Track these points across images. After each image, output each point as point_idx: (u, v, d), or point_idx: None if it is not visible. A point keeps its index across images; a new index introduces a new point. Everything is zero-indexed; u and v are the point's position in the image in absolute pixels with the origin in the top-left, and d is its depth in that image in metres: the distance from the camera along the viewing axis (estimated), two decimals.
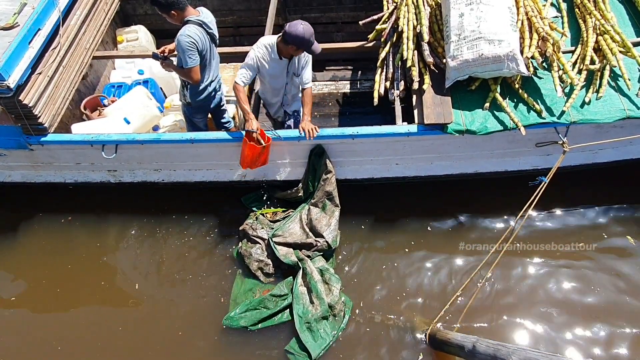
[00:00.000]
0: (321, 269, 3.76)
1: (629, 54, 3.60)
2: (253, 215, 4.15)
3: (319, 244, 3.83)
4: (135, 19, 5.40)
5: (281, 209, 4.19)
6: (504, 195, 4.14)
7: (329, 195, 3.92)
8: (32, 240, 4.37)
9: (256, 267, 3.91)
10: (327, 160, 3.87)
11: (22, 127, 3.80)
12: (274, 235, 3.91)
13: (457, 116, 3.53)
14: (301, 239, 3.86)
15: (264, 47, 3.63)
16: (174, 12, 3.57)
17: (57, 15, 3.93)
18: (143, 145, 3.87)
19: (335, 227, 3.89)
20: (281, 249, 3.86)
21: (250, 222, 4.07)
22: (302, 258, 3.80)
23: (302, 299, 3.62)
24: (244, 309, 3.65)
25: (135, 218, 4.40)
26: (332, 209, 3.92)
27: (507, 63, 3.42)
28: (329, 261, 3.92)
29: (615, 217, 4.10)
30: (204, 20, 3.65)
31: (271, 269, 3.92)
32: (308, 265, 3.73)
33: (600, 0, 3.85)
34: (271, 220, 4.13)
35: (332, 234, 3.85)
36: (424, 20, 3.76)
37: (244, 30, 5.50)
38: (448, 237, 4.09)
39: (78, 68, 4.22)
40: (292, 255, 3.84)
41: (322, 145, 3.84)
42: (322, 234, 3.83)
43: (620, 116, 3.45)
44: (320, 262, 3.83)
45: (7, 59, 3.45)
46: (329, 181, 3.90)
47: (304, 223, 3.94)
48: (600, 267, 3.83)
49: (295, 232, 3.93)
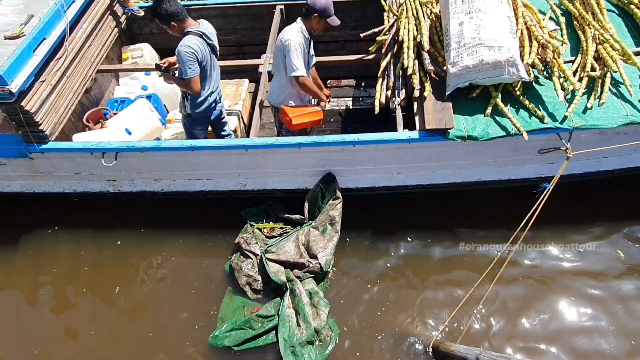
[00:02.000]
0: (310, 292, 3.66)
1: (629, 61, 3.60)
2: (250, 228, 4.08)
3: (310, 265, 3.74)
4: (141, 38, 5.50)
5: (279, 225, 4.12)
6: (507, 205, 4.06)
7: (331, 220, 3.87)
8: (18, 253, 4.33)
9: (245, 281, 3.81)
10: (337, 187, 3.91)
11: (23, 135, 3.80)
12: (267, 251, 3.83)
13: (458, 122, 3.51)
14: (294, 258, 3.78)
15: (297, 33, 3.75)
16: (174, 23, 3.63)
17: (63, 26, 4.00)
18: (143, 153, 3.86)
19: (331, 252, 3.81)
20: (272, 266, 3.77)
21: (246, 235, 4.00)
22: (292, 279, 3.69)
23: (289, 322, 3.50)
24: (230, 328, 3.54)
25: (130, 229, 4.35)
26: (331, 234, 3.86)
27: (507, 68, 3.43)
28: (320, 284, 3.80)
29: (624, 230, 4.01)
30: (204, 31, 3.70)
31: (260, 285, 3.81)
32: (297, 287, 3.62)
33: (599, 12, 3.90)
34: (267, 236, 4.05)
35: (326, 257, 3.76)
36: (424, 30, 3.81)
37: (247, 48, 5.58)
38: (449, 250, 3.99)
39: (82, 79, 4.27)
40: (282, 274, 3.73)
41: (332, 172, 3.96)
42: (317, 256, 3.75)
43: (623, 122, 3.42)
44: (310, 284, 3.73)
45: (10, 64, 3.49)
46: (335, 207, 3.89)
47: (300, 242, 3.87)
48: (608, 284, 3.73)
49: (289, 250, 3.85)
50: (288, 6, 5.18)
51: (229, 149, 3.80)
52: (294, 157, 3.83)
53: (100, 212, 4.49)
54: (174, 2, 3.58)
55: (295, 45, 3.69)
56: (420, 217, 4.20)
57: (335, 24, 3.78)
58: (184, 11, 3.62)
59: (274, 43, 4.69)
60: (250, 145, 3.73)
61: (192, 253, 4.19)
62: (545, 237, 3.96)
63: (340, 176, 3.92)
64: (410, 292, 3.79)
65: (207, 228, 4.31)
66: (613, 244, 3.92)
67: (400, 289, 3.82)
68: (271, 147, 3.71)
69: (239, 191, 4.15)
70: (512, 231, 3.91)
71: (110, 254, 4.23)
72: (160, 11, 3.57)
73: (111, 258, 4.21)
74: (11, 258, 4.29)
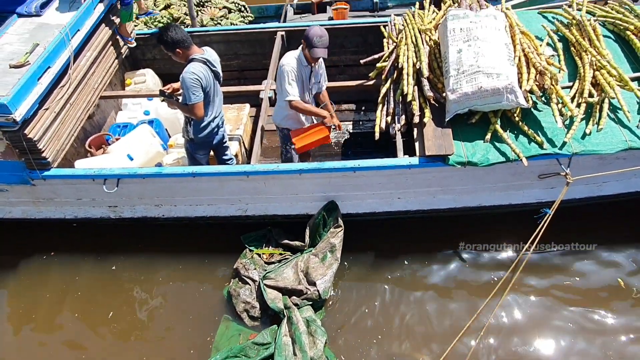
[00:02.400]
0: (308, 320, 3.61)
1: (626, 87, 3.64)
2: (249, 254, 4.07)
3: (309, 292, 3.71)
4: (144, 63, 5.58)
5: (278, 251, 4.10)
6: (508, 230, 4.05)
7: (332, 247, 3.87)
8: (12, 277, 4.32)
9: (242, 308, 3.79)
10: (339, 215, 3.94)
11: (25, 162, 3.83)
12: (265, 277, 3.81)
13: (458, 148, 3.53)
14: (292, 285, 3.75)
15: (294, 59, 3.79)
16: (179, 50, 3.69)
17: (67, 55, 4.06)
18: (145, 179, 3.88)
19: (330, 279, 3.78)
20: (270, 293, 3.74)
21: (245, 261, 3.99)
22: (289, 306, 3.66)
23: (285, 350, 3.43)
24: (225, 356, 3.47)
25: (127, 253, 4.34)
26: (331, 262, 3.84)
27: (506, 95, 3.47)
28: (318, 312, 3.76)
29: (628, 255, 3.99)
30: (209, 58, 3.76)
31: (257, 312, 3.78)
32: (295, 315, 3.58)
33: (595, 39, 3.96)
34: (266, 262, 4.03)
35: (325, 284, 3.74)
36: (423, 57, 3.86)
37: (248, 73, 5.65)
38: (449, 276, 3.96)
39: (85, 106, 4.32)
40: (279, 301, 3.70)
41: (334, 200, 3.99)
42: (315, 282, 3.72)
43: (622, 147, 3.44)
44: (308, 312, 3.69)
45: (15, 93, 3.52)
46: (336, 234, 3.90)
47: (299, 269, 3.84)
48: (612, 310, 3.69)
49: (288, 276, 3.83)
50: (289, 32, 5.26)
51: (230, 175, 3.82)
52: (294, 183, 3.85)
53: (97, 237, 4.49)
54: (180, 30, 3.65)
55: (287, 70, 3.76)
56: (420, 240, 4.18)
57: (315, 56, 3.67)
58: (189, 39, 3.68)
59: (275, 68, 4.76)
60: (251, 172, 3.75)
61: (190, 277, 4.17)
62: (547, 262, 3.94)
63: (341, 201, 3.93)
64: (409, 320, 3.75)
65: (206, 252, 4.30)
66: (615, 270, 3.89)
67: (399, 316, 3.78)
68: (272, 173, 3.73)
69: (239, 217, 4.16)
70: (514, 254, 3.92)
71: (105, 278, 4.22)
72: (166, 38, 3.64)
73: (106, 283, 4.19)
74: (4, 282, 4.29)
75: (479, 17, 3.75)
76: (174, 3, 6.74)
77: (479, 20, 3.73)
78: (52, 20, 4.28)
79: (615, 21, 4.19)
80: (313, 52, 3.66)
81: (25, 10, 4.32)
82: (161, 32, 3.68)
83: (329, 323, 3.77)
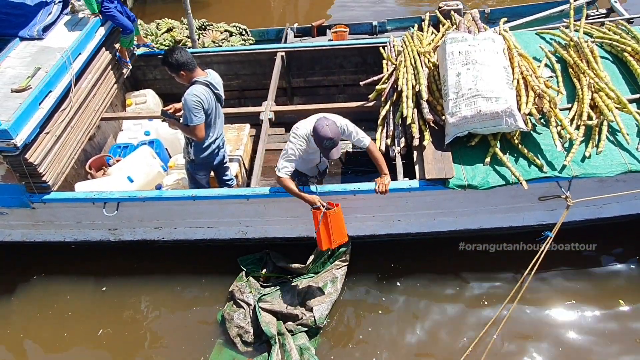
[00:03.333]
0: (301, 347, 3.56)
1: (625, 110, 3.65)
2: (245, 277, 4.03)
3: (304, 317, 3.66)
4: (145, 84, 5.62)
5: (275, 274, 4.06)
6: (510, 253, 4.04)
7: (333, 279, 3.86)
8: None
9: (235, 333, 3.73)
10: (348, 252, 3.95)
11: (25, 185, 3.83)
12: (261, 299, 3.77)
13: (458, 171, 3.53)
14: (288, 310, 3.71)
15: (303, 141, 3.50)
16: (183, 72, 3.71)
17: (69, 78, 4.09)
18: (145, 202, 3.88)
19: (328, 308, 3.74)
20: (265, 316, 3.69)
21: (240, 284, 3.96)
22: (283, 332, 3.60)
23: None
24: None
25: (122, 275, 4.33)
26: (331, 291, 3.83)
27: (505, 119, 3.48)
28: (312, 339, 3.70)
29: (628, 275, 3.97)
30: (211, 81, 3.79)
31: (251, 337, 3.71)
32: (288, 342, 3.53)
33: (593, 60, 3.98)
34: (263, 285, 3.99)
35: (322, 311, 3.69)
36: (422, 80, 3.88)
37: (249, 93, 5.68)
38: (453, 298, 3.94)
39: (86, 129, 4.34)
40: (273, 326, 3.65)
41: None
42: (312, 308, 3.68)
43: (622, 170, 3.44)
44: (302, 339, 3.63)
45: (16, 118, 3.54)
46: (340, 267, 3.91)
47: (296, 293, 3.82)
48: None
49: (284, 300, 3.79)
50: (289, 53, 5.31)
51: (230, 199, 3.82)
52: (294, 205, 3.83)
53: (92, 257, 4.47)
54: (185, 53, 3.68)
55: (291, 147, 3.50)
56: (418, 263, 4.16)
57: (328, 159, 3.49)
58: (193, 61, 3.71)
59: (275, 89, 4.79)
60: (251, 195, 3.75)
61: (186, 300, 4.14)
62: (548, 285, 3.93)
63: None
64: (406, 349, 3.69)
65: (203, 273, 4.27)
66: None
67: (396, 347, 3.71)
68: (272, 196, 3.73)
69: (239, 239, 4.15)
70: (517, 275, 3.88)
71: (98, 299, 4.20)
72: (171, 60, 3.66)
73: (99, 304, 4.18)
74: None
75: (477, 40, 3.78)
76: (176, 26, 6.81)
77: (477, 43, 3.76)
78: (54, 43, 4.32)
79: (612, 43, 4.23)
80: (325, 154, 3.43)
81: (27, 33, 4.36)
82: (167, 53, 3.71)
83: (325, 351, 3.70)
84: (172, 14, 7.17)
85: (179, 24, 6.83)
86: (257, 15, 8.71)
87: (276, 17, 8.88)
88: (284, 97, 5.63)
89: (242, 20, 7.09)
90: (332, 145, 3.36)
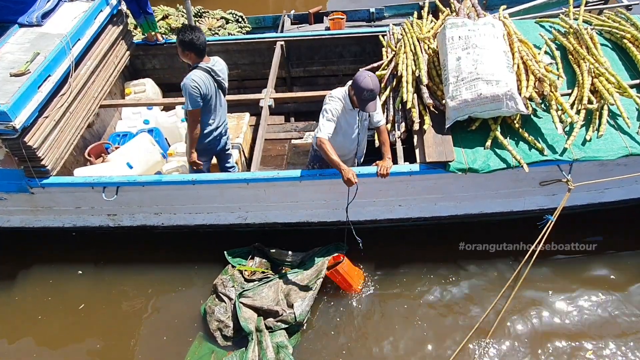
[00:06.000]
0: (279, 345, 3.52)
1: (625, 94, 3.66)
2: (231, 270, 4.00)
3: (284, 314, 3.63)
4: (144, 73, 5.60)
5: (261, 269, 4.01)
6: (510, 238, 4.03)
7: (318, 277, 3.83)
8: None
9: (215, 327, 3.70)
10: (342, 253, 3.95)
11: (24, 170, 3.81)
12: (242, 294, 3.74)
13: (458, 155, 3.53)
14: (269, 305, 3.68)
15: (338, 100, 3.55)
16: (191, 53, 3.71)
17: (68, 64, 4.07)
18: (144, 187, 3.86)
19: (309, 304, 3.71)
20: (245, 312, 3.66)
21: (224, 277, 3.93)
22: (261, 329, 3.57)
23: None
24: None
25: (110, 262, 4.33)
26: (314, 287, 3.78)
27: (505, 102, 3.48)
28: (293, 337, 3.66)
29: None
30: (214, 68, 3.78)
31: (230, 332, 3.68)
32: (265, 340, 3.50)
33: (593, 47, 3.99)
34: (247, 279, 3.95)
35: (302, 308, 3.66)
36: (422, 65, 3.87)
37: (248, 82, 5.67)
38: (441, 297, 3.89)
39: (85, 115, 4.31)
40: (252, 323, 3.62)
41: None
42: (293, 305, 3.66)
43: (623, 153, 3.44)
44: (280, 337, 3.58)
45: (15, 101, 3.52)
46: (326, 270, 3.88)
47: (280, 289, 3.80)
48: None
49: (266, 296, 3.76)
50: (288, 42, 5.30)
51: (230, 183, 3.80)
52: (294, 190, 3.83)
53: (88, 244, 4.46)
54: (201, 37, 3.67)
55: (329, 109, 3.53)
56: (421, 248, 4.14)
57: (366, 111, 3.46)
58: (205, 48, 3.72)
59: (274, 78, 4.78)
60: (251, 179, 3.74)
61: (171, 291, 4.12)
62: (550, 271, 3.92)
63: (342, 209, 3.90)
64: (388, 347, 3.63)
65: (195, 262, 4.24)
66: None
67: (378, 346, 3.65)
68: (272, 180, 3.72)
69: (239, 225, 4.13)
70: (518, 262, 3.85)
71: (81, 285, 4.20)
72: (184, 38, 3.65)
73: (83, 290, 4.17)
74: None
75: (477, 25, 3.78)
76: (172, 14, 6.77)
77: (477, 28, 3.75)
78: (53, 30, 4.30)
79: (611, 30, 4.23)
80: (362, 106, 3.43)
81: (26, 20, 4.34)
82: (184, 30, 3.68)
83: (305, 348, 3.65)
84: (168, 1, 7.07)
85: (174, 11, 6.79)
86: (253, 2, 8.62)
87: (272, 4, 8.81)
88: (284, 86, 5.62)
89: (238, 7, 7.03)
90: (371, 97, 3.39)
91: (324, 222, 4.11)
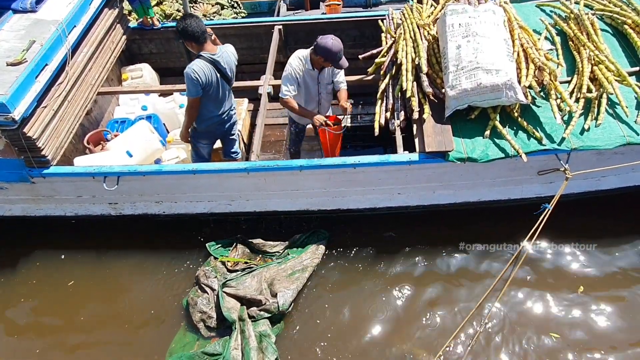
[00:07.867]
0: (261, 334, 3.56)
1: (624, 83, 3.66)
2: (213, 262, 4.03)
3: (267, 303, 3.66)
4: (141, 58, 5.54)
5: (244, 259, 4.05)
6: (508, 225, 4.09)
7: (303, 268, 3.87)
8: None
9: (198, 318, 3.73)
10: (324, 246, 4.06)
11: (24, 160, 3.81)
12: (225, 284, 3.77)
13: (458, 144, 3.55)
14: (253, 295, 3.70)
15: (297, 59, 3.91)
16: (190, 43, 3.71)
17: (64, 52, 4.03)
18: (145, 176, 3.88)
19: (293, 295, 3.74)
20: (228, 301, 3.69)
21: (207, 268, 3.96)
22: (244, 319, 3.60)
23: None
24: None
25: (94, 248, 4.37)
26: (298, 277, 3.83)
27: (505, 92, 3.48)
28: (275, 326, 3.69)
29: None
30: (217, 59, 3.75)
31: (213, 323, 3.70)
32: (247, 329, 3.53)
33: (593, 33, 3.96)
34: (229, 270, 3.98)
35: (286, 297, 3.68)
36: (422, 53, 3.85)
37: (246, 67, 5.62)
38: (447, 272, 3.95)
39: (83, 103, 4.29)
40: (235, 312, 3.64)
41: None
42: (276, 294, 3.69)
43: (621, 142, 3.47)
44: (263, 326, 3.61)
45: (13, 92, 3.50)
46: (311, 262, 3.93)
47: (263, 279, 3.83)
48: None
49: (250, 286, 3.79)
50: (286, 26, 5.24)
51: (230, 172, 3.82)
52: (295, 179, 3.86)
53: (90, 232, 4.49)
54: (196, 24, 3.62)
55: (289, 71, 3.92)
56: (420, 234, 4.17)
57: (343, 67, 3.85)
58: (203, 35, 3.67)
59: (273, 62, 4.74)
60: (251, 168, 3.76)
61: (154, 281, 4.14)
62: (546, 256, 3.99)
63: (342, 197, 3.95)
64: (373, 341, 3.64)
65: (175, 251, 4.27)
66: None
67: (358, 336, 3.66)
68: (272, 169, 3.74)
69: (240, 213, 4.17)
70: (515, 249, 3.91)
71: (64, 274, 4.24)
72: (179, 28, 3.65)
73: (62, 279, 4.21)
74: None
75: (478, 12, 3.75)
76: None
77: (477, 15, 3.72)
78: (48, 16, 4.23)
79: (612, 15, 4.20)
80: (338, 66, 3.83)
81: (20, 6, 4.26)
82: (179, 20, 3.67)
83: (288, 337, 3.70)
84: None
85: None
86: None
87: None
88: (281, 71, 5.56)
89: None
90: (341, 55, 3.77)
91: (324, 210, 4.15)
